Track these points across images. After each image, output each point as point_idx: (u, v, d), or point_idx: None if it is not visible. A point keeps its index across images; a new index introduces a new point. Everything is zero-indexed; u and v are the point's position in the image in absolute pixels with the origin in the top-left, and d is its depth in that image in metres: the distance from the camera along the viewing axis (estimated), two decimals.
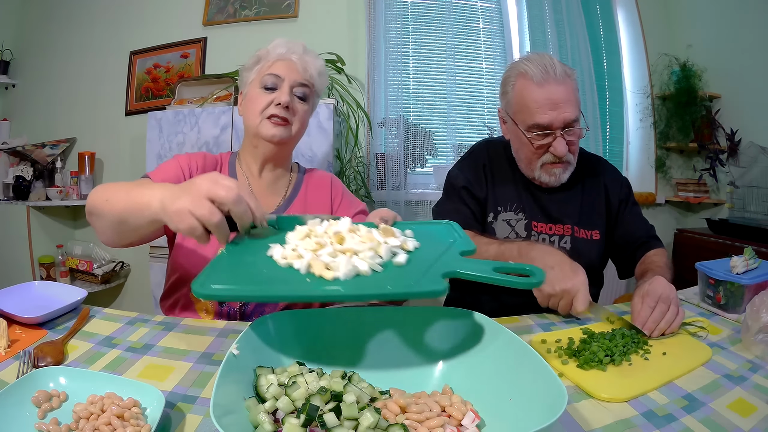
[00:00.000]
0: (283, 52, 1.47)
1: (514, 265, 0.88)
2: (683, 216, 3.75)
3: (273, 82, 1.44)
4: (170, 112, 2.88)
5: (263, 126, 1.44)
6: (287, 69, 1.45)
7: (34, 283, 1.32)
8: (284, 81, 1.44)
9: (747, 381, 0.95)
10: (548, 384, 0.69)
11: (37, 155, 3.29)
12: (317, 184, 1.60)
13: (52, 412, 0.76)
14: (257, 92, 1.45)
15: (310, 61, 1.50)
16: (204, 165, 1.49)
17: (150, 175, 1.38)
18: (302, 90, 1.47)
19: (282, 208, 1.51)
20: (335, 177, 1.67)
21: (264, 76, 1.45)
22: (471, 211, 1.60)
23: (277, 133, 1.43)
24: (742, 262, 1.35)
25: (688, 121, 3.46)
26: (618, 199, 1.65)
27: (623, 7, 3.66)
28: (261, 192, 1.51)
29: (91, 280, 3.36)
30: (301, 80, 1.46)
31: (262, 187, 1.52)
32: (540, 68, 1.45)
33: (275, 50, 1.48)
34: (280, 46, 1.48)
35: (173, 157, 1.49)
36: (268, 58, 1.48)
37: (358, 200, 1.66)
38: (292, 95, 1.45)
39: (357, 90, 3.25)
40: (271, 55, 1.48)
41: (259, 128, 1.44)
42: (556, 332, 1.17)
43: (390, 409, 0.71)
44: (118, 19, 3.48)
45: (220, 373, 0.69)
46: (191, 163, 1.46)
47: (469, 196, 1.61)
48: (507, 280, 0.81)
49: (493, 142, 1.74)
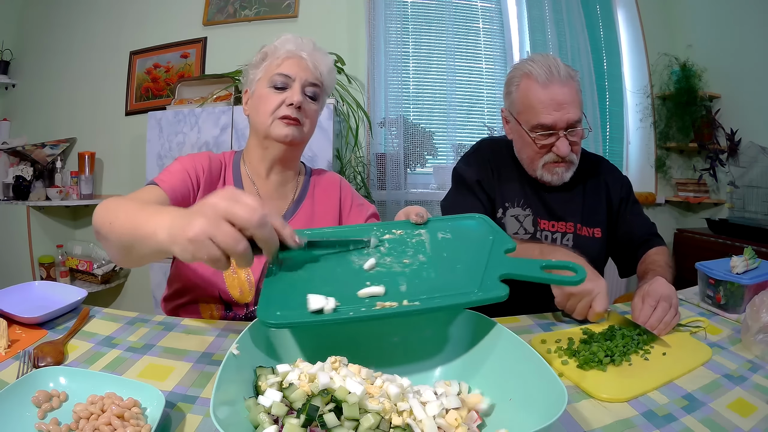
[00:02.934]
0: (292, 48, 1.41)
1: (558, 262, 0.85)
2: (683, 216, 3.75)
3: (283, 81, 1.38)
4: (170, 112, 2.88)
5: (275, 126, 1.38)
6: (297, 68, 1.39)
7: (34, 283, 1.32)
8: (295, 80, 1.38)
9: (747, 381, 0.95)
10: (548, 384, 0.69)
11: (37, 155, 3.29)
12: (326, 186, 1.56)
13: (52, 412, 0.76)
14: (267, 91, 1.39)
15: (320, 58, 1.44)
16: (210, 167, 1.41)
17: (156, 181, 1.28)
18: (313, 90, 1.42)
19: (290, 211, 1.47)
20: (344, 179, 1.63)
21: (273, 75, 1.38)
22: (482, 205, 1.59)
23: (290, 133, 1.37)
24: (742, 262, 1.35)
25: (688, 121, 3.46)
26: (619, 198, 1.65)
27: (623, 7, 3.66)
28: (268, 195, 1.47)
29: (91, 280, 3.36)
30: (312, 79, 1.41)
31: (269, 189, 1.47)
32: (545, 69, 1.45)
33: (284, 46, 1.41)
34: (289, 42, 1.42)
35: (176, 160, 1.40)
36: (277, 54, 1.41)
37: (368, 203, 1.61)
38: (303, 95, 1.39)
39: (357, 90, 3.25)
40: (279, 51, 1.41)
41: (270, 129, 1.38)
42: (557, 332, 1.17)
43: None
44: (118, 19, 3.48)
45: (221, 373, 0.68)
46: (196, 165, 1.38)
47: (481, 190, 1.61)
48: (555, 279, 0.80)
49: (496, 141, 1.74)
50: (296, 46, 1.41)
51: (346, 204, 1.54)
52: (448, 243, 0.95)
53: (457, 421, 0.70)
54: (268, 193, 1.47)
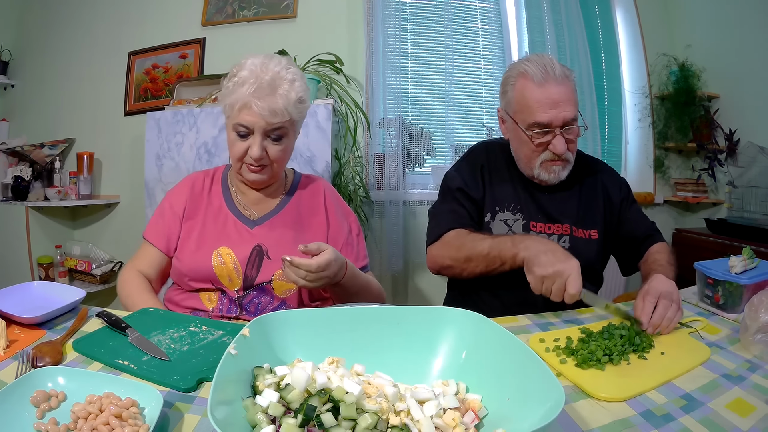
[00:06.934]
0: (247, 93, 1.33)
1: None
2: (682, 216, 3.75)
3: (244, 131, 1.37)
4: (169, 112, 2.88)
5: (243, 170, 1.45)
6: (254, 117, 1.34)
7: (32, 283, 1.32)
8: (254, 131, 1.37)
9: (746, 381, 0.95)
10: (546, 384, 0.69)
11: (36, 155, 3.28)
12: (312, 191, 1.62)
13: (50, 412, 0.76)
14: (233, 137, 1.40)
15: (281, 97, 1.35)
16: (191, 192, 1.55)
17: (146, 236, 1.52)
18: (276, 133, 1.39)
19: (273, 212, 1.54)
20: (329, 187, 1.66)
21: (234, 123, 1.37)
22: (466, 211, 1.60)
23: (257, 179, 1.45)
24: (741, 261, 1.35)
25: (687, 121, 3.46)
26: (619, 199, 1.66)
27: (622, 8, 3.66)
28: (252, 202, 1.54)
29: (90, 280, 3.36)
30: (271, 127, 1.36)
31: (253, 199, 1.55)
32: (540, 68, 1.46)
33: (240, 89, 1.34)
34: (245, 85, 1.34)
35: (165, 196, 1.58)
36: (235, 96, 1.35)
37: (350, 218, 1.65)
38: (265, 141, 1.39)
39: (355, 90, 3.25)
40: (236, 93, 1.34)
41: (240, 171, 1.46)
42: (554, 332, 1.17)
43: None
44: (117, 19, 3.47)
45: (218, 373, 0.69)
46: (180, 198, 1.54)
47: (464, 197, 1.62)
48: None
49: (492, 144, 1.74)
50: (251, 89, 1.33)
51: (331, 211, 1.59)
52: None
53: (455, 421, 0.70)
54: (254, 200, 1.55)
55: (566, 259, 1.24)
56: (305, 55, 3.05)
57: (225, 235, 1.47)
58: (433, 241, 1.59)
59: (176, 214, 1.51)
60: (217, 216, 1.51)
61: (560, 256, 1.26)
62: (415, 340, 0.90)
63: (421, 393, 0.74)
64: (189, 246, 1.47)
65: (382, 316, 0.93)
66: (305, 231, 1.52)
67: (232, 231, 1.48)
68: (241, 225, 1.49)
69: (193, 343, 1.06)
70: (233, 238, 1.47)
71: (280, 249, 1.43)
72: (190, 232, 1.49)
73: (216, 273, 1.42)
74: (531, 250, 1.31)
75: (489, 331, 0.86)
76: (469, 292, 1.63)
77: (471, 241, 1.47)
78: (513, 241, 1.38)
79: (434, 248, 1.58)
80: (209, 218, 1.51)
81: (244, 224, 1.49)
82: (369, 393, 0.72)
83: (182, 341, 1.07)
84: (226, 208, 1.52)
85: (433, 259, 1.58)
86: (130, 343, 1.03)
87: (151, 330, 1.11)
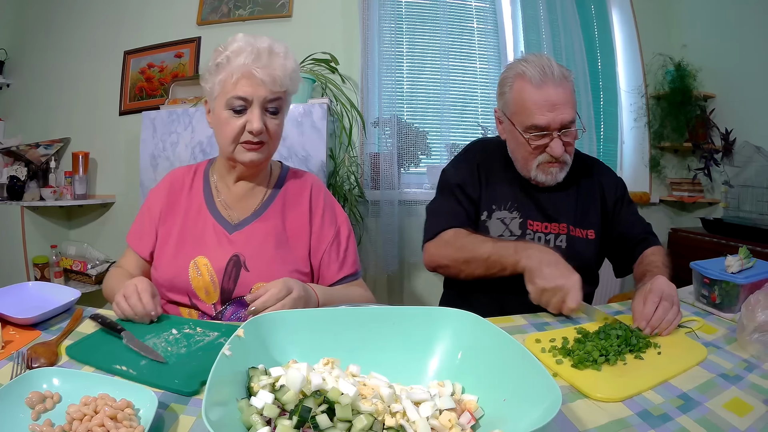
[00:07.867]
0: (245, 63, 1.29)
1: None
2: (677, 215, 3.76)
3: (241, 104, 1.30)
4: (164, 111, 2.86)
5: (238, 152, 1.36)
6: (254, 87, 1.29)
7: (27, 283, 1.31)
8: (253, 102, 1.31)
9: (743, 380, 0.95)
10: (542, 384, 0.69)
11: (31, 155, 3.27)
12: (299, 188, 1.52)
13: (45, 414, 0.76)
14: (226, 115, 1.33)
15: (279, 66, 1.31)
16: (168, 193, 1.50)
17: (128, 241, 1.50)
18: (274, 105, 1.34)
19: (259, 211, 1.46)
20: (318, 184, 1.56)
21: (230, 98, 1.30)
22: (464, 209, 1.60)
23: (255, 158, 1.36)
24: (737, 261, 1.35)
25: (683, 120, 3.47)
26: (614, 199, 1.65)
27: (618, 7, 3.67)
28: (234, 199, 1.47)
29: (85, 281, 3.35)
30: (271, 95, 1.31)
31: (237, 194, 1.47)
32: (538, 70, 1.45)
33: (236, 59, 1.29)
34: (242, 54, 1.29)
35: (140, 210, 1.54)
36: (230, 70, 1.30)
37: (340, 218, 1.54)
38: (263, 114, 1.33)
39: (351, 90, 3.24)
40: (232, 65, 1.29)
41: (234, 154, 1.36)
42: (551, 332, 1.17)
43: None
44: (113, 18, 3.46)
45: (213, 374, 0.68)
46: (158, 200, 1.50)
47: (462, 194, 1.61)
48: None
49: (488, 142, 1.74)
50: (250, 58, 1.29)
51: (316, 213, 1.49)
52: None
53: (451, 422, 0.70)
54: (237, 196, 1.48)
55: (569, 274, 1.26)
56: (300, 55, 3.04)
57: (203, 242, 1.40)
58: (430, 238, 1.59)
59: (153, 218, 1.48)
60: (197, 219, 1.44)
61: (563, 270, 1.27)
62: (411, 341, 0.90)
63: (416, 394, 0.74)
64: (167, 252, 1.42)
65: (378, 317, 0.93)
66: (287, 238, 1.45)
67: (211, 236, 1.41)
68: (220, 229, 1.41)
69: (190, 346, 1.05)
70: (211, 244, 1.39)
71: (259, 261, 1.38)
72: (167, 237, 1.44)
73: (192, 285, 1.36)
74: (533, 260, 1.31)
75: (485, 332, 0.86)
76: (465, 293, 1.63)
77: (471, 243, 1.47)
78: (516, 248, 1.38)
79: (432, 246, 1.57)
80: (189, 221, 1.44)
81: (223, 228, 1.42)
82: (364, 394, 0.72)
83: (178, 344, 1.06)
84: (206, 209, 1.45)
85: (431, 257, 1.58)
86: (126, 347, 1.02)
87: (146, 333, 1.10)
